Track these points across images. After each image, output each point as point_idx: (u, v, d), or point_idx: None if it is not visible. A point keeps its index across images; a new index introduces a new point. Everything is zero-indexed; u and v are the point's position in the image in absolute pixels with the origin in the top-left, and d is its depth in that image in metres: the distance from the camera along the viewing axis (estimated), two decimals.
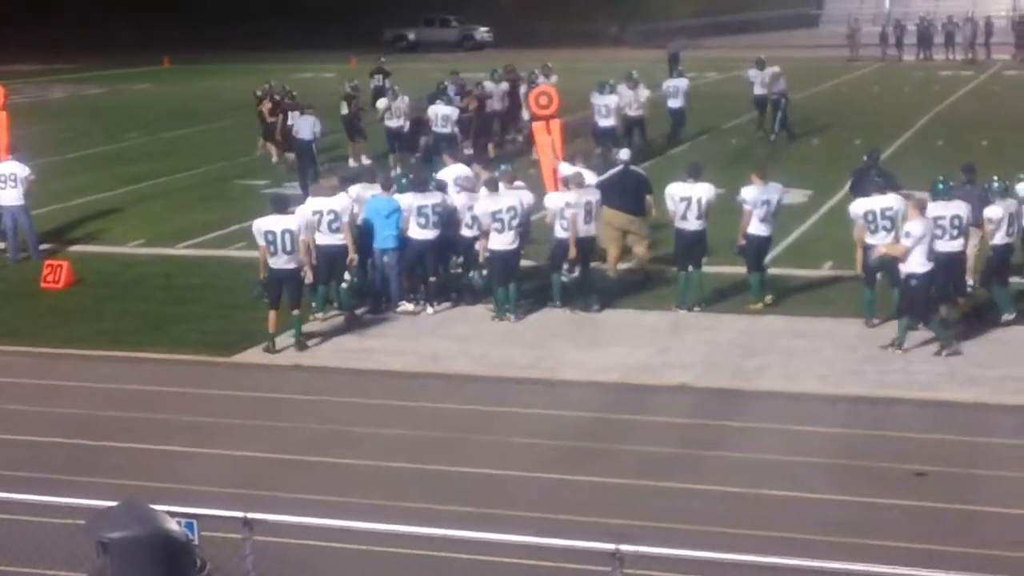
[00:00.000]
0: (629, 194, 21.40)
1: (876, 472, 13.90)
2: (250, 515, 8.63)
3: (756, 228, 19.57)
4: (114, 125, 44.32)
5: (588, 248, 20.17)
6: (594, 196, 20.20)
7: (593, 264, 20.73)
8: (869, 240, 18.46)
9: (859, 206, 18.77)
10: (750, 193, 19.55)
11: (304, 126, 31.35)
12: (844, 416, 15.64)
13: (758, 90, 36.50)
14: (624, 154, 23.15)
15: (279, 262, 18.45)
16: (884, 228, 18.34)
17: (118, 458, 14.76)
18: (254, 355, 18.54)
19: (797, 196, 21.40)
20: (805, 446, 14.66)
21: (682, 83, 35.97)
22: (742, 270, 20.20)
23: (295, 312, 18.71)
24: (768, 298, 19.88)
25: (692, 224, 19.80)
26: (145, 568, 7.12)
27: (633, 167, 22.62)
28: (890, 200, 18.54)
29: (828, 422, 15.47)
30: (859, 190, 20.29)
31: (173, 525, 7.39)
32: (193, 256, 24.68)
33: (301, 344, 18.70)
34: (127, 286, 22.68)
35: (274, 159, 34.28)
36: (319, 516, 9.56)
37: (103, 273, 23.53)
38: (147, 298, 21.75)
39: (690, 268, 19.99)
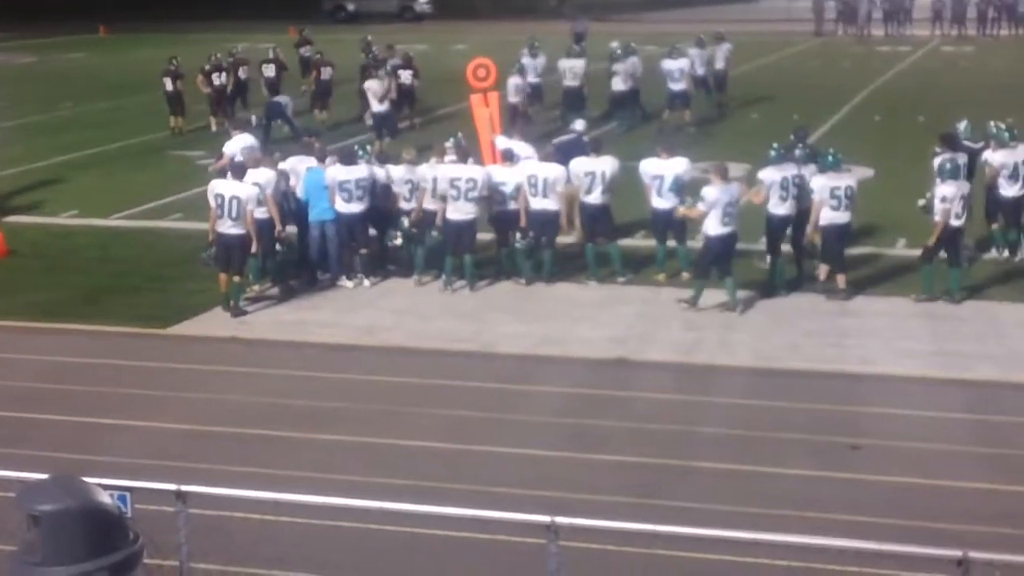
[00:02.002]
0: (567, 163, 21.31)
1: (812, 445, 13.97)
2: (183, 487, 8.58)
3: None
4: (47, 94, 43.79)
5: (546, 221, 20.08)
6: (552, 171, 20.12)
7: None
8: (777, 211, 19.06)
9: (768, 175, 19.21)
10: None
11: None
12: (780, 390, 15.70)
13: (700, 70, 36.04)
14: (579, 124, 23.24)
15: (224, 226, 18.68)
16: (793, 197, 19.04)
17: (50, 431, 14.62)
18: (189, 327, 18.42)
19: (736, 170, 21.54)
20: (741, 419, 14.70)
21: (579, 64, 34.42)
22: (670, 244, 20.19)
23: (236, 279, 18.81)
24: (661, 276, 19.94)
25: (596, 199, 19.91)
26: (77, 541, 7.06)
27: (586, 138, 22.71)
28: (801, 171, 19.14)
29: (764, 395, 15.52)
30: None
31: (105, 498, 7.32)
32: (128, 227, 24.44)
33: (238, 310, 18.76)
34: (61, 257, 22.44)
35: (214, 128, 34.13)
36: (253, 488, 9.51)
37: (36, 244, 23.27)
38: (81, 270, 21.53)
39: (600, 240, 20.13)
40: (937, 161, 19.48)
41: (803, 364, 16.43)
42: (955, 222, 18.58)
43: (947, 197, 18.58)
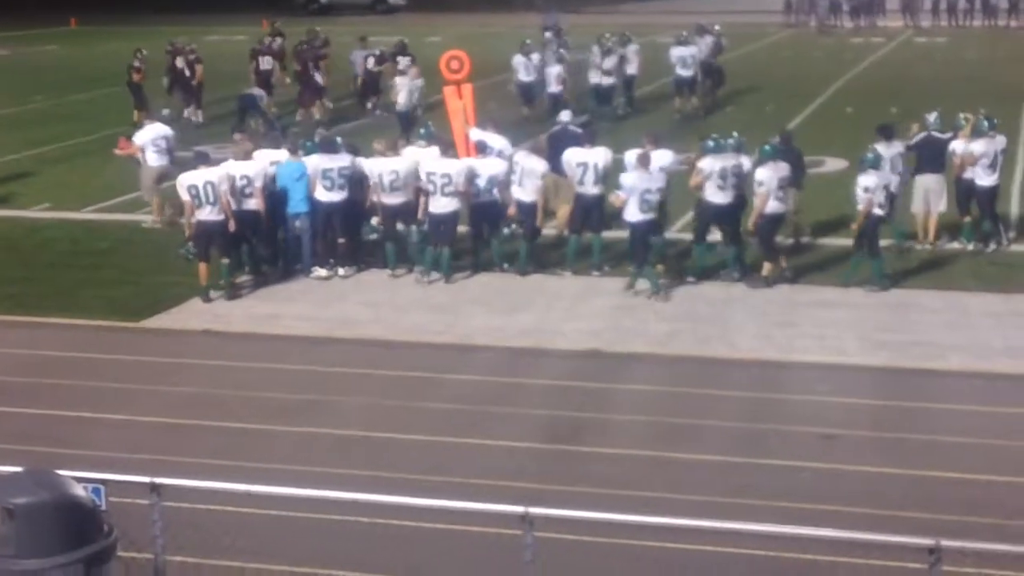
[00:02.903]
0: (559, 155, 21.31)
1: (785, 436, 14.03)
2: (158, 480, 8.56)
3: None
4: (19, 87, 43.55)
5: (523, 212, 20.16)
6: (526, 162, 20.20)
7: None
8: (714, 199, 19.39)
9: (707, 164, 19.44)
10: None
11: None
12: (753, 380, 15.75)
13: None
14: (565, 115, 23.36)
15: (204, 213, 18.79)
16: (732, 186, 19.37)
17: (24, 424, 14.58)
18: (163, 320, 18.38)
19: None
20: (715, 410, 14.76)
21: (534, 58, 34.36)
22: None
23: (225, 261, 19.00)
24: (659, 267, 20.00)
25: (590, 189, 19.95)
26: (51, 534, 7.05)
27: (572, 127, 22.76)
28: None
29: (738, 386, 15.58)
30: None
31: (80, 491, 7.32)
32: (100, 220, 24.35)
33: (231, 293, 19.02)
34: (33, 251, 22.36)
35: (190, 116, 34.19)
36: (228, 481, 9.50)
37: (8, 238, 23.17)
38: (53, 263, 21.46)
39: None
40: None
41: (777, 355, 16.48)
42: (878, 211, 18.73)
43: (869, 187, 18.76)
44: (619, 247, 20.22)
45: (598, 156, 20.07)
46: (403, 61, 34.14)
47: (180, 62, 35.52)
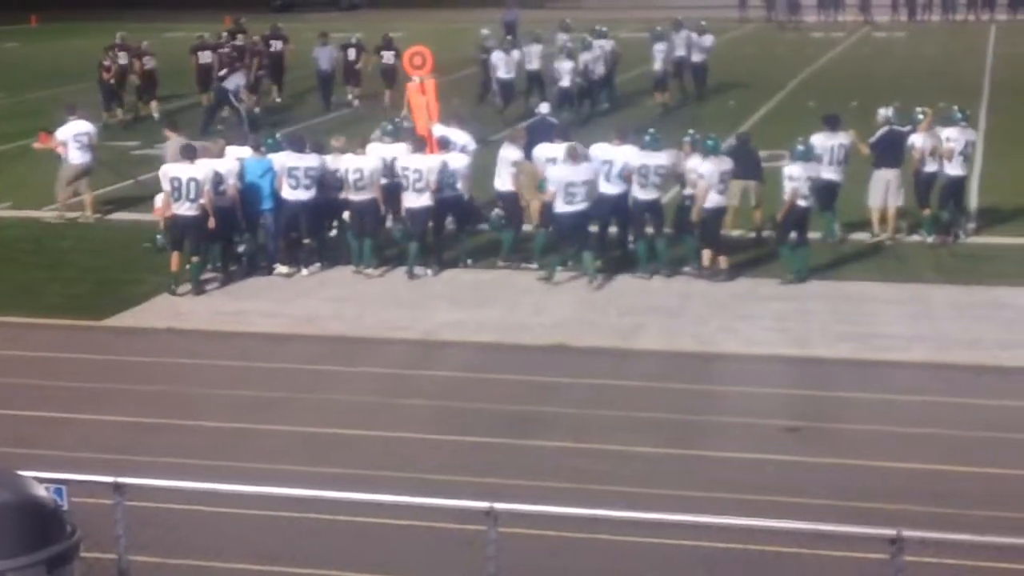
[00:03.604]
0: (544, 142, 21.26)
1: (750, 428, 14.08)
2: (121, 480, 8.52)
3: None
4: None
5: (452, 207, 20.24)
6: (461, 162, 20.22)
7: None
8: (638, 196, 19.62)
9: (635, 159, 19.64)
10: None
11: (233, 78, 32.70)
12: (716, 373, 15.82)
13: (680, 52, 36.07)
14: (544, 107, 23.44)
15: (182, 208, 18.91)
16: (654, 184, 19.58)
17: None
18: (126, 319, 18.31)
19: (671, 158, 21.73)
20: (679, 404, 14.80)
21: (514, 55, 34.23)
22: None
23: (194, 259, 19.07)
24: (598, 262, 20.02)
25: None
26: (12, 535, 6.99)
27: (550, 118, 22.91)
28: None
29: (702, 379, 15.64)
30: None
31: (41, 491, 7.26)
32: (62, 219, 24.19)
33: (199, 290, 19.07)
34: None
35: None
36: (192, 480, 9.47)
37: None
38: (15, 261, 21.34)
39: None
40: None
41: (740, 348, 16.54)
42: (802, 202, 18.84)
43: (793, 176, 18.89)
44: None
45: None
46: (387, 55, 34.19)
47: (124, 58, 35.48)
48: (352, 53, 36.29)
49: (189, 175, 18.86)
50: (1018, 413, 14.28)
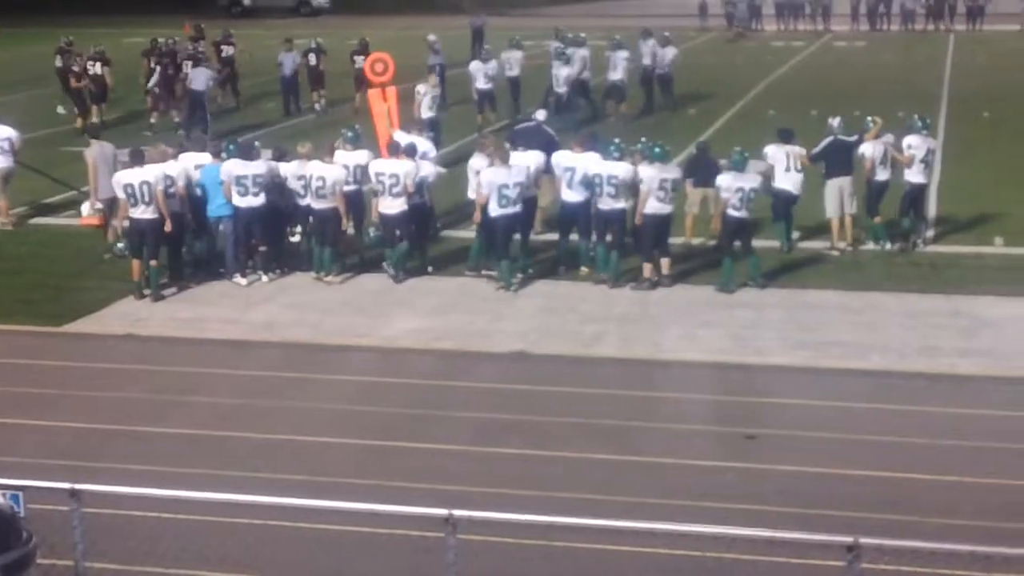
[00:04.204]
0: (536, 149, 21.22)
1: (709, 435, 14.13)
2: (77, 486, 8.50)
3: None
4: None
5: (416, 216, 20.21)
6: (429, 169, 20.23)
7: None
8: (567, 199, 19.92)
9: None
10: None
11: (199, 77, 32.50)
12: (676, 381, 15.87)
13: (646, 61, 36.18)
14: (540, 114, 23.65)
15: (138, 212, 18.89)
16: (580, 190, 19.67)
17: None
18: (84, 325, 18.23)
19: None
20: (639, 411, 14.84)
21: (491, 66, 34.01)
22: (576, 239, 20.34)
23: (153, 263, 19.04)
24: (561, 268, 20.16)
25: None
26: None
27: (545, 126, 23.05)
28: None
29: (662, 387, 15.70)
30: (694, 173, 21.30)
31: None
32: (19, 225, 24.06)
33: (157, 295, 19.04)
34: None
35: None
36: (150, 486, 9.45)
37: None
38: None
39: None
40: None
41: (700, 355, 16.59)
42: (733, 213, 18.93)
43: (722, 187, 19.07)
44: (549, 251, 20.36)
45: (530, 160, 20.13)
46: (359, 60, 34.18)
47: (98, 67, 35.50)
48: (313, 58, 36.45)
49: (140, 179, 18.85)
50: (974, 421, 14.39)
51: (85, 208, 21.65)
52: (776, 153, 20.84)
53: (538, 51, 38.92)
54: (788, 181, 20.72)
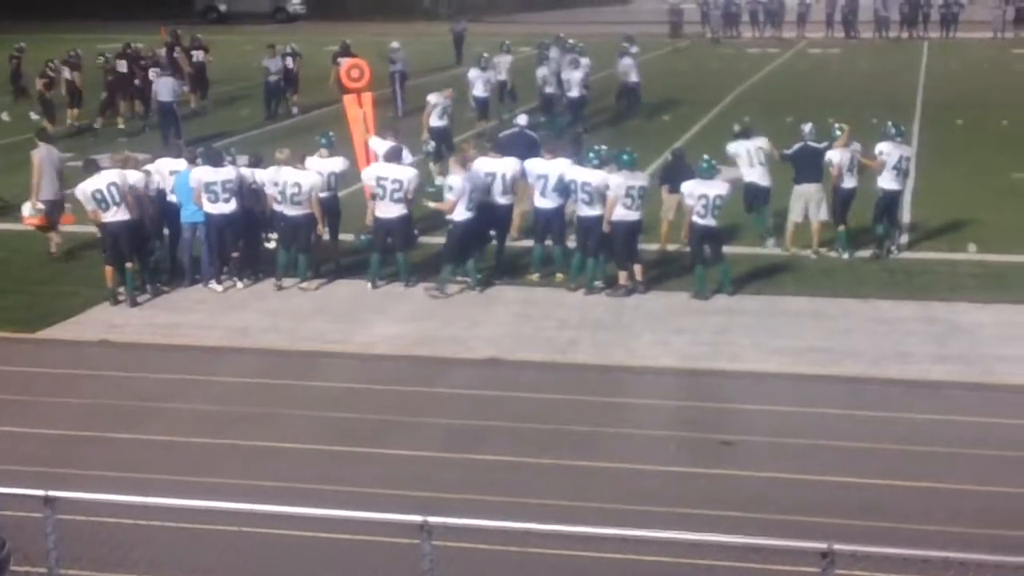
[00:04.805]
0: (519, 154, 21.24)
1: (683, 441, 14.14)
2: (51, 493, 8.47)
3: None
4: None
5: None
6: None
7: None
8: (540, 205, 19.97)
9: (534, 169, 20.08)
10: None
11: (164, 88, 32.31)
12: (650, 388, 15.88)
13: (630, 79, 36.31)
14: (522, 119, 23.80)
15: (111, 215, 18.82)
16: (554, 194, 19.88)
17: None
18: (58, 331, 18.16)
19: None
20: (613, 417, 14.85)
21: (490, 74, 34.11)
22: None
23: (128, 266, 18.99)
24: (535, 275, 20.18)
25: (499, 199, 20.11)
26: None
27: (528, 130, 23.22)
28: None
29: (636, 393, 15.70)
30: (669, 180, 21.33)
31: None
32: None
33: (133, 300, 19.01)
34: None
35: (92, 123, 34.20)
36: (124, 493, 9.41)
37: None
38: None
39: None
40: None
41: (674, 362, 16.62)
42: (698, 220, 18.97)
43: (685, 193, 19.23)
44: (523, 257, 20.38)
45: (507, 166, 20.15)
46: (343, 63, 34.23)
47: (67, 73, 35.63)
48: (290, 61, 36.74)
49: (108, 181, 18.80)
50: (948, 427, 14.44)
51: (26, 208, 21.62)
52: (737, 149, 21.47)
53: (521, 55, 38.90)
54: (754, 174, 21.32)
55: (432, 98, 28.14)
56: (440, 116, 27.86)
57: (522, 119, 23.87)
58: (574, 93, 33.04)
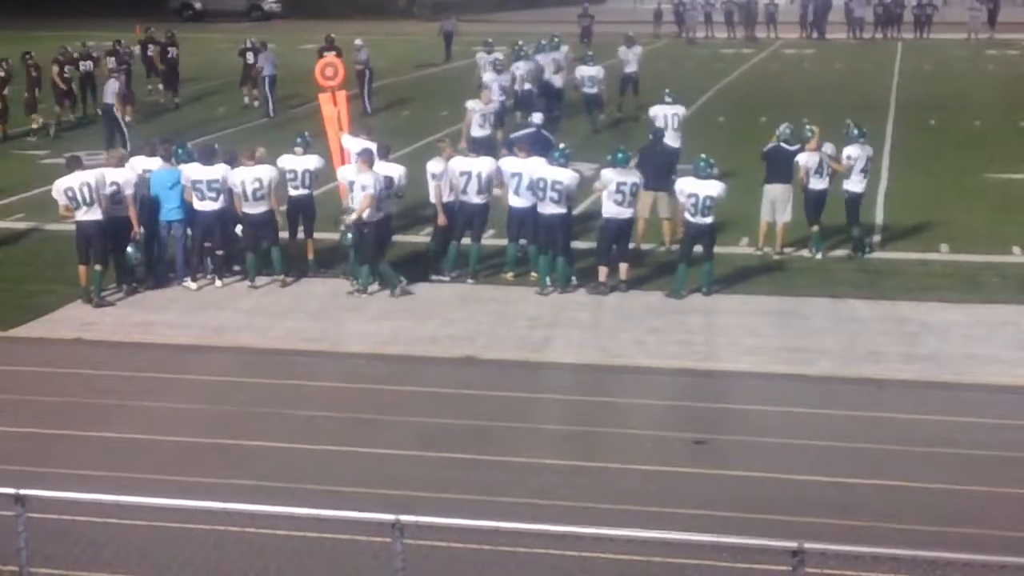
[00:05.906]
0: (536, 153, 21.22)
1: (656, 441, 14.18)
2: (22, 491, 8.45)
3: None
4: None
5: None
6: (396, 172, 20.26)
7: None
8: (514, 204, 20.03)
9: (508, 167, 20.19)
10: (436, 167, 19.94)
11: (109, 90, 31.88)
12: (625, 387, 15.91)
13: (629, 68, 36.48)
14: (537, 118, 23.74)
15: (82, 214, 18.73)
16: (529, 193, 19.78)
17: None
18: (32, 329, 18.11)
19: (585, 170, 21.94)
20: (586, 416, 14.89)
21: (504, 78, 32.82)
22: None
23: (97, 267, 18.89)
24: (510, 274, 20.25)
25: (473, 198, 20.04)
26: None
27: (544, 131, 23.14)
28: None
29: (610, 392, 15.74)
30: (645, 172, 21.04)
31: None
32: None
33: (99, 301, 18.89)
34: None
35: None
36: (97, 492, 9.40)
37: None
38: None
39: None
40: None
41: (649, 361, 16.66)
42: (689, 218, 19.08)
43: (678, 191, 19.29)
44: (498, 256, 20.42)
45: (483, 166, 20.16)
46: (328, 57, 34.18)
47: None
48: (251, 56, 37.19)
49: (81, 181, 18.70)
50: (920, 426, 14.51)
51: None
52: (657, 112, 23.68)
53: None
54: (671, 138, 23.58)
55: (471, 104, 26.89)
56: (481, 124, 26.43)
57: (537, 118, 23.79)
58: (592, 89, 33.35)
